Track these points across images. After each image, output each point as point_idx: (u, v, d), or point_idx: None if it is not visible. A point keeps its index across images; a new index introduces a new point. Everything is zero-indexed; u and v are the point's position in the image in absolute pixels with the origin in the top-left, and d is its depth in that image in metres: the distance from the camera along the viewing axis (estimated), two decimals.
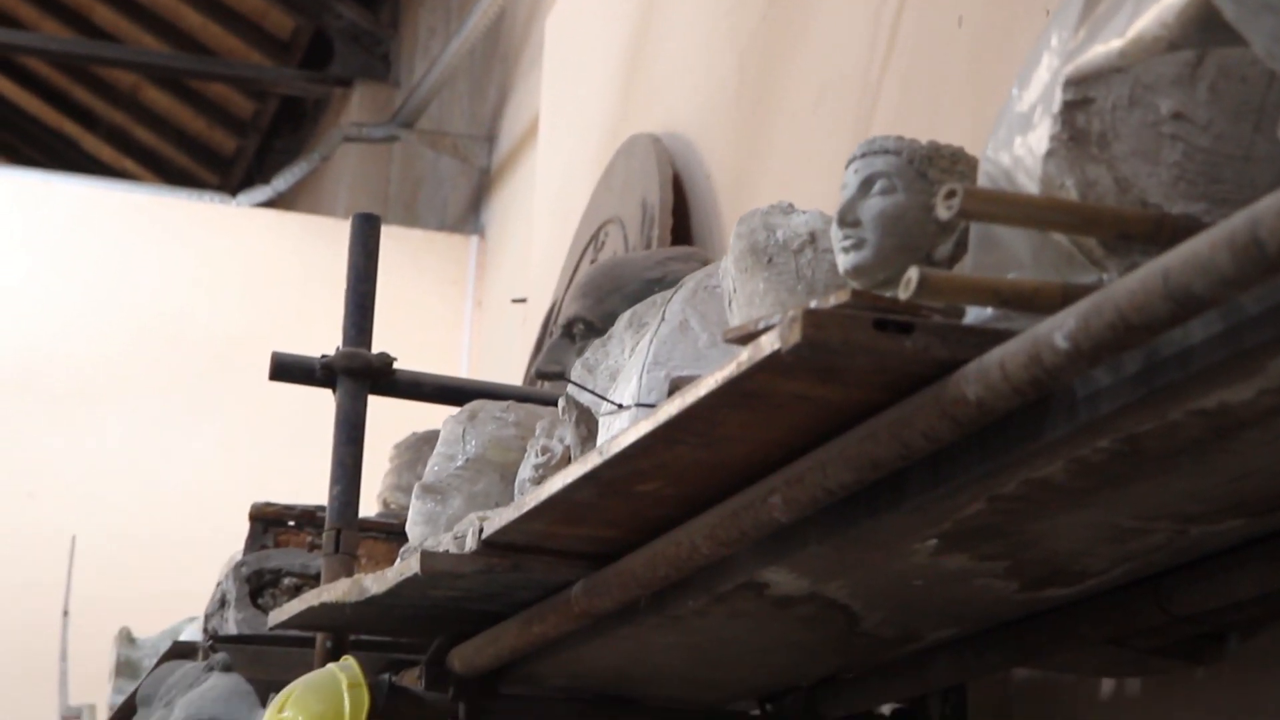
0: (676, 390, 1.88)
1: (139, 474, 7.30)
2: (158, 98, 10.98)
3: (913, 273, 1.61)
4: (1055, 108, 1.70)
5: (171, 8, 10.09)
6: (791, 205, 2.29)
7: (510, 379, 4.85)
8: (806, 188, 3.50)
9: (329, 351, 3.21)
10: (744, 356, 1.73)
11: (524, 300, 5.66)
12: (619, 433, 2.04)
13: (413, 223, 8.49)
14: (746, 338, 1.83)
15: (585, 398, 2.56)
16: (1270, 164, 1.66)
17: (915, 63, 3.34)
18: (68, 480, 7.25)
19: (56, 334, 7.45)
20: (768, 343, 1.68)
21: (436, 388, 3.34)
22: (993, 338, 1.64)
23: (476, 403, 3.01)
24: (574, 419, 2.55)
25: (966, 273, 1.90)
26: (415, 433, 3.94)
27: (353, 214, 3.36)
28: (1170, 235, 1.64)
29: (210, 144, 11.24)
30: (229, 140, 11.08)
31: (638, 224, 4.38)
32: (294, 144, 10.41)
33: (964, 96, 3.12)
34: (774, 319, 1.74)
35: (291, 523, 3.81)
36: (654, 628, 2.35)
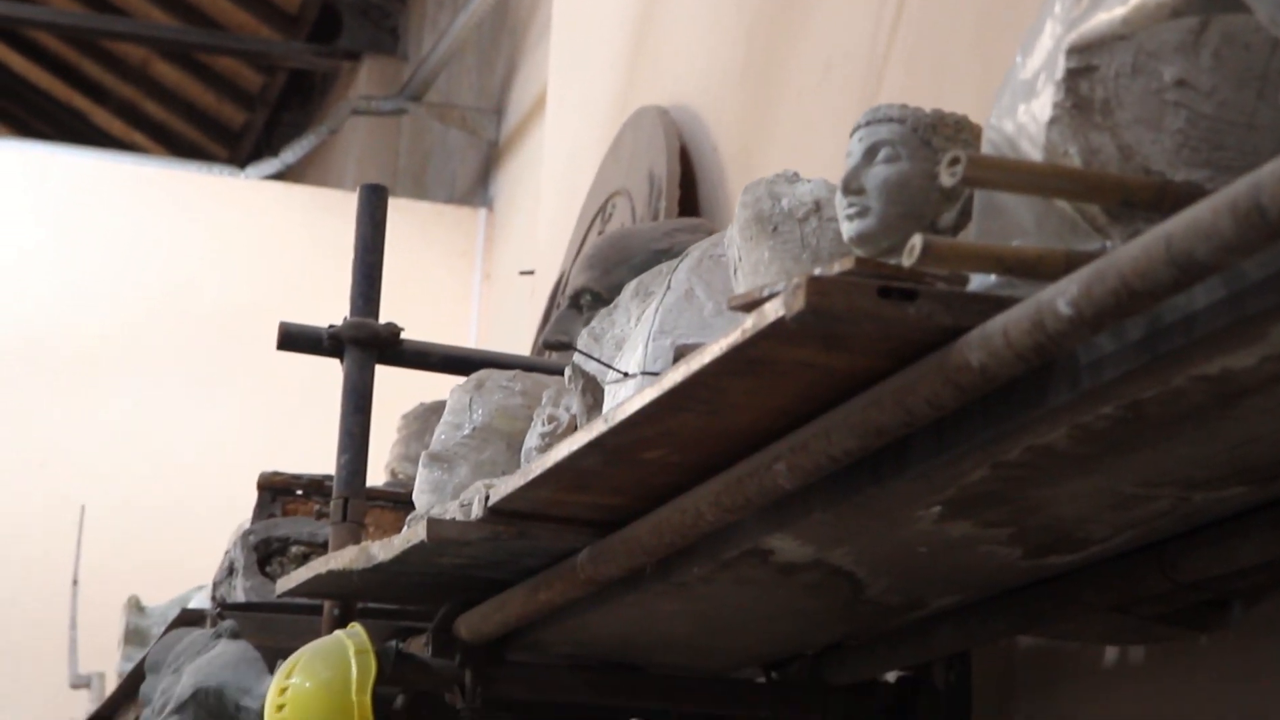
0: (681, 358, 1.89)
1: (148, 444, 7.32)
2: (167, 72, 10.98)
3: (916, 240, 1.61)
4: (1058, 75, 1.71)
5: None
6: (797, 174, 2.29)
7: (518, 351, 4.85)
8: (813, 159, 3.50)
9: (337, 323, 3.22)
10: (748, 324, 1.73)
11: (532, 272, 5.67)
12: (624, 400, 2.05)
13: (421, 195, 8.50)
14: (751, 305, 1.83)
15: (591, 366, 2.56)
16: (1273, 131, 1.67)
17: (921, 35, 3.34)
18: (77, 451, 7.28)
19: (66, 306, 7.47)
20: (772, 310, 1.69)
21: (444, 357, 3.35)
22: (996, 304, 1.64)
23: (483, 372, 3.01)
24: (580, 387, 2.56)
25: (970, 240, 1.90)
26: (423, 403, 3.96)
27: (360, 185, 3.37)
28: (1173, 202, 1.64)
29: (219, 118, 11.24)
30: (238, 114, 11.08)
31: (645, 196, 4.38)
32: (302, 118, 10.42)
33: (970, 69, 3.12)
34: (778, 286, 1.74)
35: (299, 491, 3.82)
36: (659, 595, 2.36)
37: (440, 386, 3.33)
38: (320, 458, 3.83)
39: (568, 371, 2.61)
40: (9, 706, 7.05)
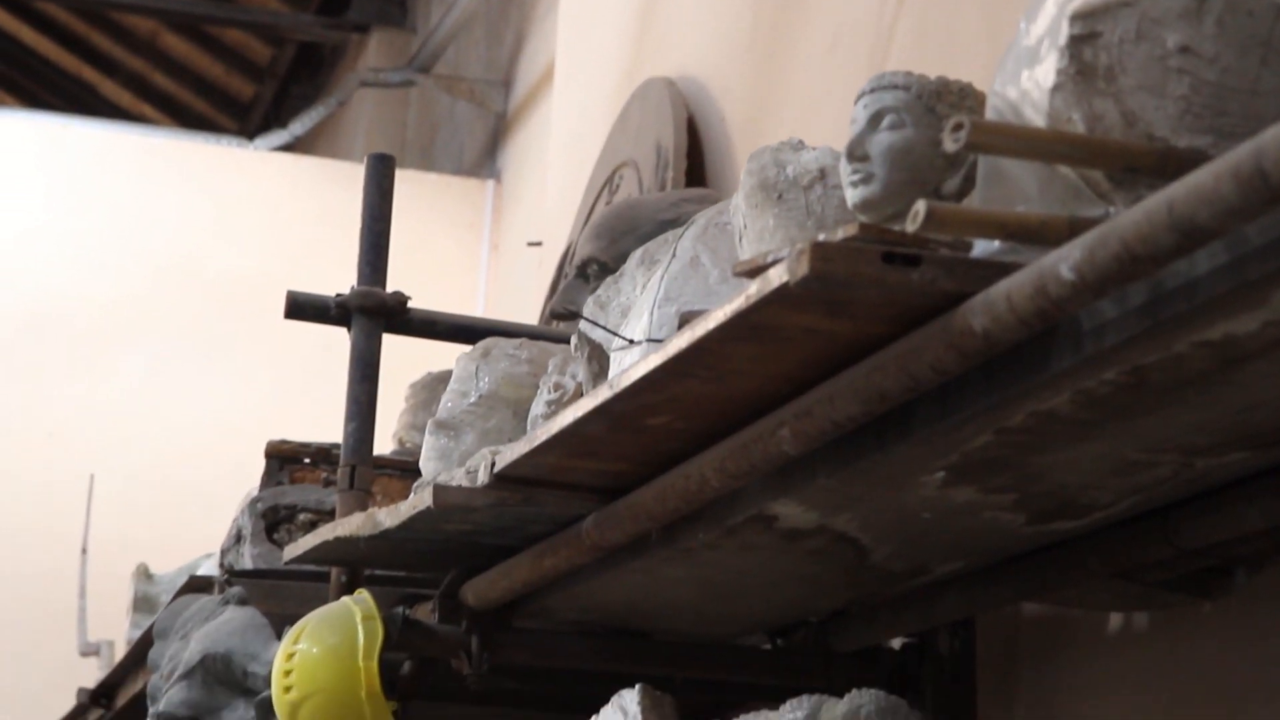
0: (686, 324, 1.89)
1: (156, 414, 7.34)
2: (176, 44, 10.98)
3: (920, 205, 1.62)
4: (1062, 41, 1.71)
5: None
6: (801, 142, 2.30)
7: (526, 322, 4.86)
8: (820, 131, 3.49)
9: (344, 293, 3.22)
10: (752, 290, 1.74)
11: (539, 244, 5.67)
12: (629, 367, 2.05)
13: (429, 167, 8.50)
14: (755, 271, 1.84)
15: (597, 334, 2.57)
16: (1276, 97, 1.67)
17: (929, 5, 3.34)
18: (86, 420, 7.30)
19: (75, 276, 7.48)
20: (776, 276, 1.69)
21: (451, 326, 3.35)
22: (999, 270, 1.65)
23: (490, 340, 3.02)
24: (586, 355, 2.56)
25: (974, 206, 1.91)
26: (431, 372, 3.96)
27: (367, 154, 3.37)
28: (1176, 168, 1.65)
29: (228, 90, 11.23)
30: (247, 86, 11.07)
31: (652, 167, 4.39)
32: (311, 90, 10.41)
33: (978, 40, 3.12)
34: (783, 252, 1.75)
35: (307, 460, 3.83)
36: (665, 561, 2.37)
37: (447, 356, 3.33)
38: (328, 426, 3.83)
39: (574, 339, 2.62)
40: (19, 674, 7.08)
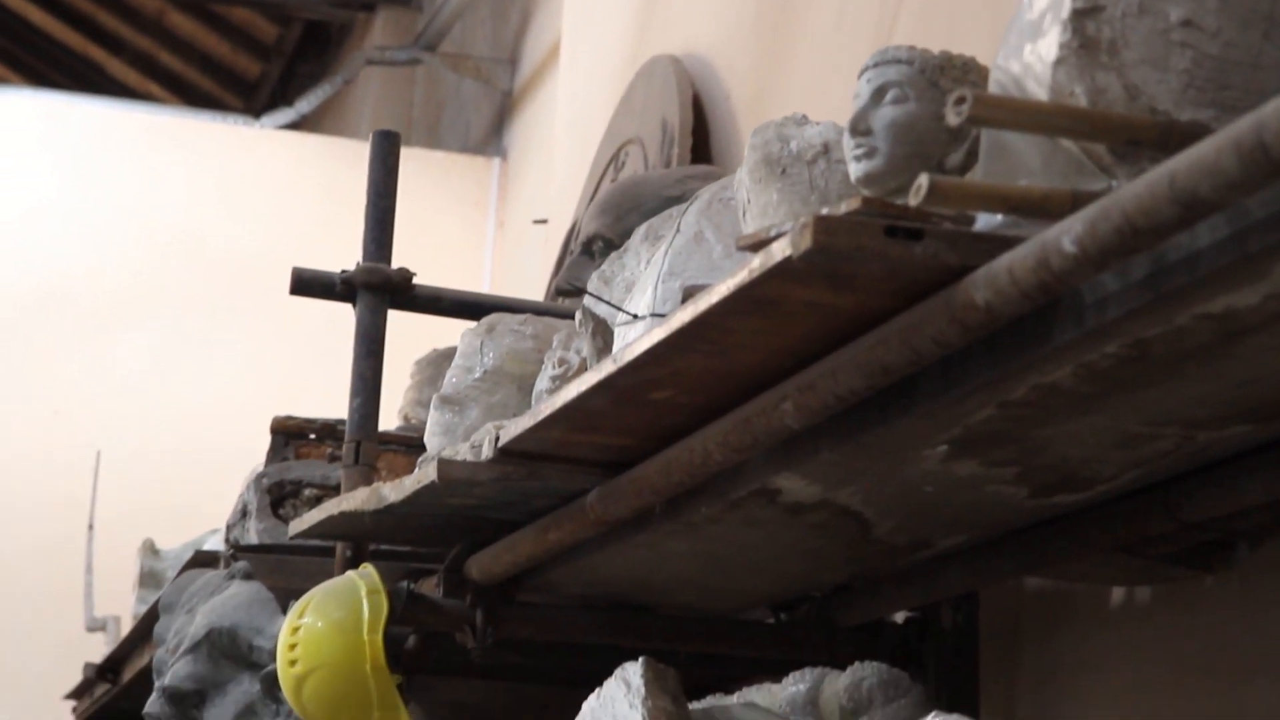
0: (689, 298, 1.90)
1: (162, 390, 7.36)
2: (182, 22, 10.97)
3: (923, 179, 1.62)
4: (1065, 15, 1.71)
5: None
6: (805, 117, 2.30)
7: (531, 299, 4.87)
8: (825, 107, 3.50)
9: (350, 270, 3.23)
10: (755, 263, 1.74)
11: (545, 221, 5.68)
12: (633, 341, 2.06)
13: (435, 145, 8.50)
14: (758, 245, 1.84)
15: (601, 309, 2.57)
16: (1278, 71, 1.67)
17: None
18: (92, 397, 7.31)
19: (81, 254, 7.49)
20: (779, 249, 1.70)
21: (455, 302, 3.36)
22: (1002, 244, 1.65)
23: (494, 315, 3.02)
24: (590, 330, 2.56)
25: (977, 180, 1.91)
26: (436, 349, 3.97)
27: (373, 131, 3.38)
28: (1179, 142, 1.65)
29: (235, 69, 11.23)
30: (253, 65, 11.07)
31: (658, 144, 4.39)
32: (318, 69, 10.41)
33: (981, 15, 3.12)
34: (786, 226, 1.75)
35: (312, 435, 3.84)
36: (668, 535, 2.37)
37: (452, 333, 3.34)
38: (333, 402, 3.85)
39: (578, 315, 2.62)
40: (27, 649, 7.10)
